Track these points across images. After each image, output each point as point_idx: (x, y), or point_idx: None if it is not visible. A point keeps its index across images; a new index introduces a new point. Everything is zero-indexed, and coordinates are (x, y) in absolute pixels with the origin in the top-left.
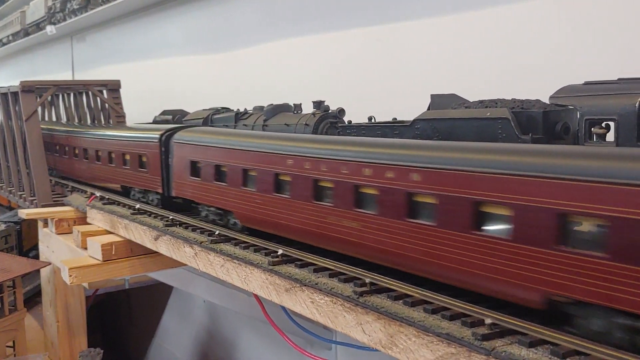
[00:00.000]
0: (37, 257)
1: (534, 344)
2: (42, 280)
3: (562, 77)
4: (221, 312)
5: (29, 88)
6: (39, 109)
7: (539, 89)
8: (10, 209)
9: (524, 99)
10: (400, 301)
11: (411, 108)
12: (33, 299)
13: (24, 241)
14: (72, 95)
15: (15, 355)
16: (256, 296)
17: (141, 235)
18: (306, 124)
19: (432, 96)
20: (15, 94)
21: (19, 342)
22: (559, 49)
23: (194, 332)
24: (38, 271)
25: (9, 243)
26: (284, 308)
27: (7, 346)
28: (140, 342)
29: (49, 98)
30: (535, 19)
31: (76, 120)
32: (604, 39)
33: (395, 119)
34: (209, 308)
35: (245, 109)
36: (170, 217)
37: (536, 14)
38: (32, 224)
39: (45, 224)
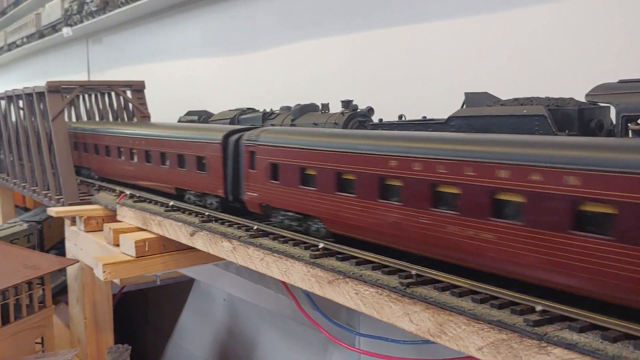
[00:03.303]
0: (58, 255)
1: (584, 329)
2: (69, 278)
3: (582, 78)
4: (241, 310)
5: (55, 88)
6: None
7: (561, 89)
8: (25, 209)
9: (557, 97)
10: (448, 292)
11: (433, 106)
12: (55, 297)
13: (45, 240)
14: (92, 95)
15: (43, 352)
16: (290, 292)
17: (176, 231)
18: (335, 123)
19: (466, 94)
20: (40, 94)
21: (47, 338)
22: (580, 50)
23: (214, 330)
24: (60, 269)
25: (31, 242)
26: (313, 302)
27: (36, 342)
28: (157, 341)
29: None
30: (559, 20)
31: (97, 119)
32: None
33: (425, 117)
34: (229, 306)
35: (272, 109)
36: (207, 213)
37: (561, 15)
38: (53, 223)
39: (73, 222)
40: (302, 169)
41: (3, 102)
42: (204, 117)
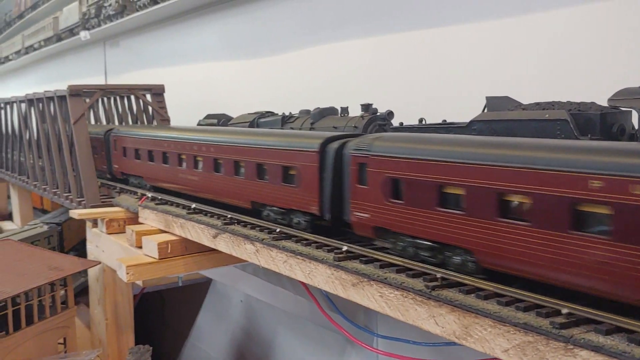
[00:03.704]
0: (78, 257)
1: (610, 331)
2: (90, 279)
3: (603, 82)
4: (258, 312)
5: (76, 92)
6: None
7: (582, 94)
8: (43, 211)
9: (579, 101)
10: (473, 295)
11: (451, 110)
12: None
13: (64, 242)
14: (112, 98)
15: (66, 352)
16: (310, 293)
17: (198, 233)
18: (355, 127)
19: (488, 98)
20: (61, 97)
21: (69, 339)
22: (602, 54)
23: (230, 331)
24: (79, 271)
25: (51, 244)
26: (332, 303)
27: (58, 343)
28: (174, 342)
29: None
30: (580, 24)
31: (116, 122)
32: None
33: (445, 120)
34: (246, 307)
35: (290, 113)
36: (229, 215)
37: (582, 19)
38: (72, 225)
39: (95, 224)
40: (440, 186)
41: (23, 106)
42: (223, 120)
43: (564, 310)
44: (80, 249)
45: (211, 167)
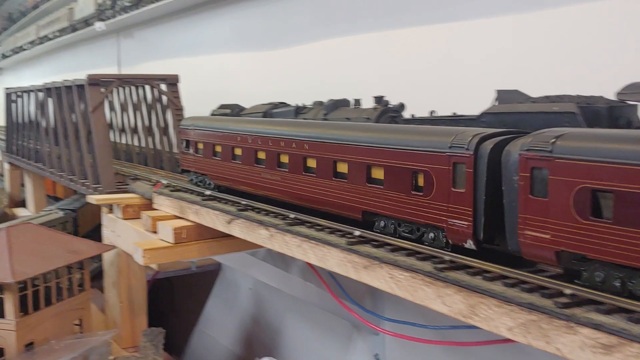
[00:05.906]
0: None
1: (611, 311)
2: (105, 263)
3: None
4: (267, 299)
5: (95, 81)
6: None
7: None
8: (56, 198)
9: (588, 95)
10: (479, 276)
11: (463, 104)
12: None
13: (79, 227)
14: (125, 88)
15: (82, 333)
16: (321, 277)
17: (213, 219)
18: (367, 118)
19: (498, 91)
20: (80, 86)
21: (85, 320)
22: (614, 49)
23: (239, 319)
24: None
25: (67, 229)
26: (341, 288)
27: (75, 324)
28: (183, 329)
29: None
30: (591, 21)
31: (130, 112)
32: None
33: (455, 113)
34: (255, 295)
35: (304, 104)
36: (244, 202)
37: (592, 16)
38: (86, 212)
39: (110, 210)
40: None
41: (41, 94)
42: (236, 110)
43: (567, 291)
44: (92, 236)
45: None
